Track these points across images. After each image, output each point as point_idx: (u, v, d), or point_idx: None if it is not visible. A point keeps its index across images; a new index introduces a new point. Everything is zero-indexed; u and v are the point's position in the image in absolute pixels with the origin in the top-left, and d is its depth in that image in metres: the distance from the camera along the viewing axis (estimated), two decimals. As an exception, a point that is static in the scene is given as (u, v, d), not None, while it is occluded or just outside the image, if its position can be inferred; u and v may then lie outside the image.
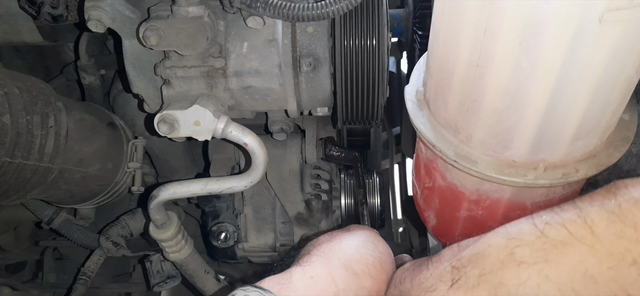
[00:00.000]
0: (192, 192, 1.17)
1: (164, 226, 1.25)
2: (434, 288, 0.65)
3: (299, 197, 1.47)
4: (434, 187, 1.00)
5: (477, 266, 0.61)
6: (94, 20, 1.08)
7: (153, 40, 1.04)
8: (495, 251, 0.60)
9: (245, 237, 1.52)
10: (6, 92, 1.07)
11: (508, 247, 0.59)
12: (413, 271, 0.73)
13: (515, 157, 0.81)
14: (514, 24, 0.65)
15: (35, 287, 1.82)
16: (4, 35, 1.32)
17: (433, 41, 0.83)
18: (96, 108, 1.44)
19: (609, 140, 0.83)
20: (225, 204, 1.51)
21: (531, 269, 0.56)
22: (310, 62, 1.15)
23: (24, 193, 1.21)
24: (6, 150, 1.07)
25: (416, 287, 0.68)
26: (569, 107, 0.71)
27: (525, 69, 0.68)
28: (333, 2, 1.04)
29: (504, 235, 0.61)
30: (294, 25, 1.15)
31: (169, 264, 1.49)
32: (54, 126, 1.17)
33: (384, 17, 1.13)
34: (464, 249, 0.65)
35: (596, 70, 0.66)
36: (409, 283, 0.72)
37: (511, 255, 0.58)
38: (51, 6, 1.23)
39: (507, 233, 0.61)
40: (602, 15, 0.60)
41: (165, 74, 1.13)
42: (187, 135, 1.08)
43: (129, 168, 1.45)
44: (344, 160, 1.46)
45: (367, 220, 1.41)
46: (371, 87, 1.16)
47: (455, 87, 0.79)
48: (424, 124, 0.90)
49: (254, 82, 1.16)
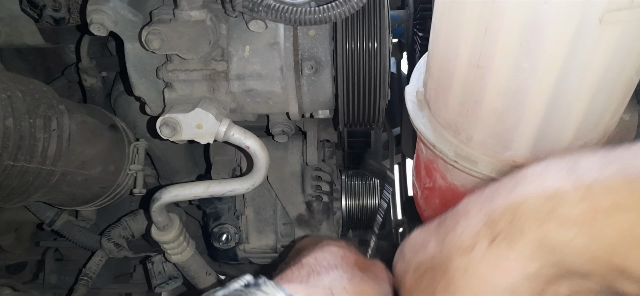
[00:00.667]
0: (194, 194, 1.18)
1: (165, 228, 1.26)
2: (471, 247, 0.57)
3: (300, 199, 1.47)
4: (435, 187, 1.00)
5: (516, 221, 0.55)
6: (96, 24, 1.08)
7: (155, 44, 1.04)
8: (534, 206, 0.54)
9: (247, 238, 1.52)
10: (9, 96, 1.08)
11: (549, 203, 0.53)
12: (438, 232, 0.64)
13: (515, 157, 0.81)
14: (514, 25, 0.65)
15: (36, 288, 1.83)
16: (6, 38, 1.33)
17: (433, 42, 0.84)
18: (98, 110, 1.45)
19: (609, 141, 0.84)
20: (227, 205, 1.51)
21: (578, 229, 0.51)
22: (312, 65, 1.15)
23: (27, 196, 1.21)
24: (9, 153, 1.07)
25: (449, 248, 0.60)
26: (569, 108, 0.72)
27: (526, 70, 0.69)
28: (335, 5, 1.05)
29: (541, 189, 0.55)
30: (295, 29, 1.15)
31: (170, 265, 1.49)
32: (56, 129, 1.18)
33: (386, 20, 1.13)
34: (491, 200, 0.59)
35: (596, 71, 0.67)
36: (437, 246, 0.63)
37: (553, 211, 0.53)
38: (53, 9, 1.24)
39: (543, 188, 0.55)
40: (602, 15, 0.60)
41: (168, 77, 1.13)
42: (190, 138, 1.09)
43: (130, 171, 1.46)
44: (379, 176, 1.44)
45: (371, 252, 1.33)
46: (372, 89, 1.17)
47: (455, 88, 0.80)
48: (425, 125, 0.90)
49: (256, 85, 1.16)
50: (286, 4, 1.06)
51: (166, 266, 1.50)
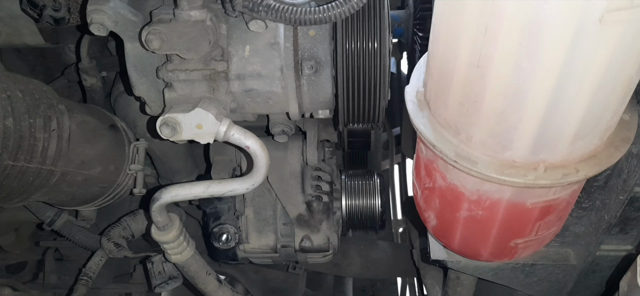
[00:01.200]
0: (194, 194, 1.17)
1: (165, 228, 1.26)
2: None
3: (300, 199, 1.47)
4: (435, 187, 1.00)
5: None
6: (96, 24, 1.08)
7: (155, 44, 1.04)
8: None
9: (246, 238, 1.52)
10: (9, 96, 1.08)
11: None
12: None
13: (515, 157, 0.81)
14: (514, 25, 0.65)
15: (36, 288, 1.83)
16: (6, 38, 1.33)
17: (433, 42, 0.84)
18: (98, 110, 1.45)
19: (609, 141, 0.84)
20: (227, 205, 1.51)
21: None
22: (312, 65, 1.15)
23: (27, 196, 1.21)
24: (9, 153, 1.07)
25: None
26: (569, 108, 0.72)
27: (526, 70, 0.69)
28: (335, 6, 1.05)
29: None
30: (295, 29, 1.15)
31: (170, 265, 1.49)
32: (56, 129, 1.18)
33: (386, 21, 1.13)
34: None
35: (596, 71, 0.67)
36: None
37: None
38: (53, 9, 1.24)
39: None
40: (602, 15, 0.60)
41: (168, 77, 1.13)
42: (190, 138, 1.09)
43: (130, 170, 1.46)
44: None
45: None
46: (372, 89, 1.17)
47: (455, 88, 0.80)
48: (425, 125, 0.90)
49: (256, 85, 1.16)
50: (286, 4, 1.06)
51: (166, 266, 1.50)
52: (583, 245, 1.14)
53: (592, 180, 1.04)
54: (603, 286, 1.21)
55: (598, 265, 1.14)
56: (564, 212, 1.02)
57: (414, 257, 1.81)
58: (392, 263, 1.95)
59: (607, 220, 1.03)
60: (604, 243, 1.08)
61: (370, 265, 1.92)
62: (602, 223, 1.05)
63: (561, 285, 1.23)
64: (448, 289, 1.42)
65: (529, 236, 1.01)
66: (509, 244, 1.03)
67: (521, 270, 1.19)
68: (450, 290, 1.41)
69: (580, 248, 1.16)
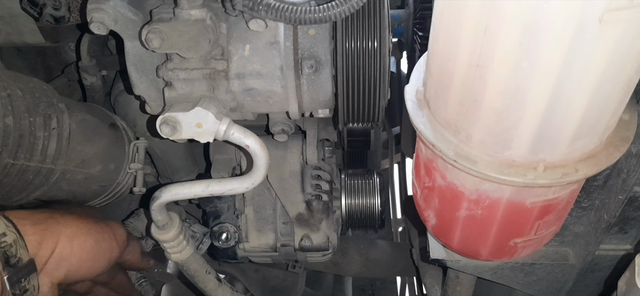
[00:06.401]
0: (194, 193, 1.18)
1: (165, 227, 1.26)
2: None
3: (300, 198, 1.47)
4: (434, 186, 1.00)
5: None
6: (96, 23, 1.08)
7: (155, 43, 1.04)
8: None
9: (246, 237, 1.52)
10: (9, 94, 1.08)
11: None
12: None
13: (515, 156, 0.81)
14: (513, 24, 0.65)
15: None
16: (6, 36, 1.33)
17: (433, 41, 0.84)
18: (98, 109, 1.45)
19: (608, 140, 0.84)
20: (226, 204, 1.51)
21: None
22: (311, 64, 1.15)
23: (27, 195, 1.21)
24: (9, 151, 1.07)
25: None
26: (568, 107, 0.72)
27: (525, 69, 0.69)
28: (335, 5, 1.05)
29: None
30: (295, 28, 1.15)
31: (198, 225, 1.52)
32: (56, 127, 1.18)
33: (386, 20, 1.13)
34: None
35: (596, 70, 0.67)
36: None
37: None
38: (53, 8, 1.24)
39: None
40: (602, 15, 0.60)
41: (168, 76, 1.14)
42: (189, 137, 1.09)
43: (130, 169, 1.46)
44: None
45: None
46: (372, 89, 1.17)
47: (455, 87, 0.80)
48: (424, 124, 0.90)
49: (256, 84, 1.16)
50: (286, 3, 1.06)
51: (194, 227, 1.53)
52: (582, 244, 1.14)
53: (592, 180, 1.04)
54: (602, 286, 1.21)
55: (597, 264, 1.14)
56: (564, 212, 1.02)
57: (413, 256, 1.81)
58: (391, 262, 1.95)
59: (606, 219, 1.03)
60: (603, 243, 1.08)
61: (369, 264, 1.92)
62: (601, 223, 1.05)
63: (560, 284, 1.23)
64: (447, 288, 1.43)
65: (528, 235, 1.01)
66: (509, 243, 1.03)
67: (520, 269, 1.20)
68: (449, 289, 1.42)
69: (579, 248, 1.16)
